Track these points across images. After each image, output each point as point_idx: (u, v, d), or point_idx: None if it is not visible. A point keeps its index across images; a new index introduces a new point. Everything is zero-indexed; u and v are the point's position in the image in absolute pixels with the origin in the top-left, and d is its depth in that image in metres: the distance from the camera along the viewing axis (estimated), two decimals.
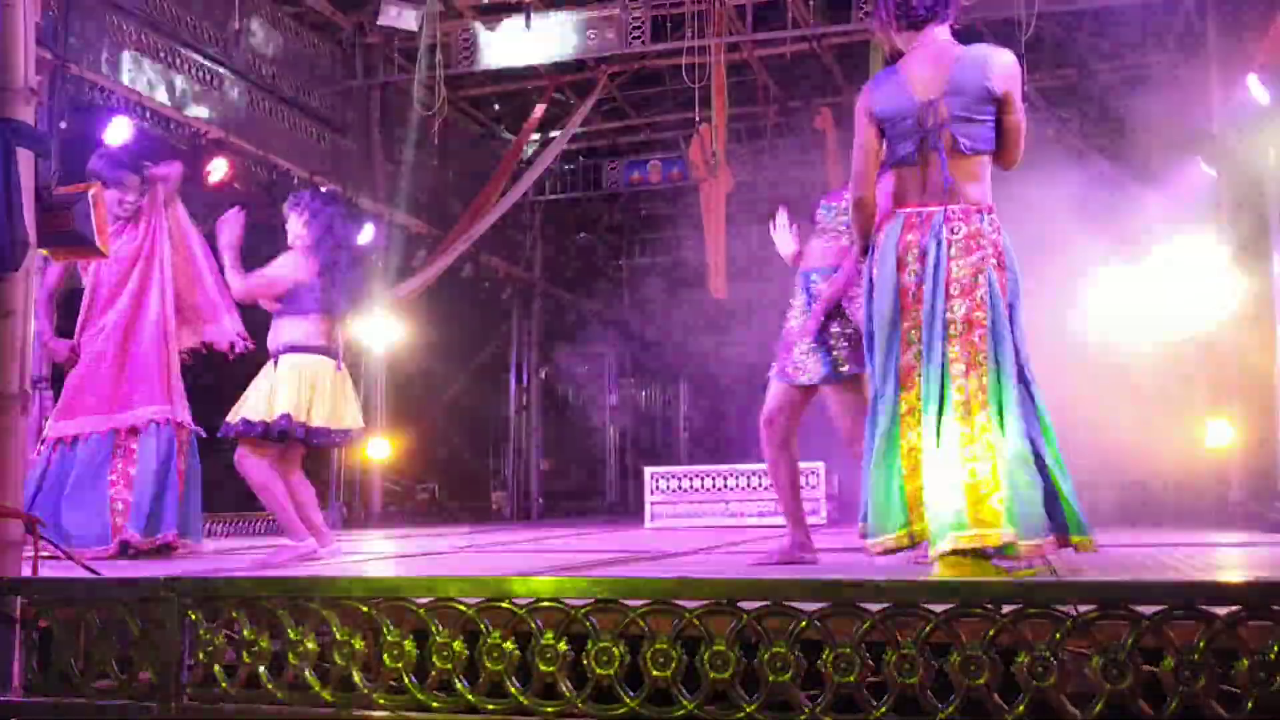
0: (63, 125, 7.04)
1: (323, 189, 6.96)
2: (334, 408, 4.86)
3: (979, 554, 3.11)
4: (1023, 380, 3.25)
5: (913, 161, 3.33)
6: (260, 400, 4.76)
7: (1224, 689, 2.04)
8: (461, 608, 2.42)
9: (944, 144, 3.29)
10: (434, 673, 2.41)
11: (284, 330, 4.88)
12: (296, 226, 5.02)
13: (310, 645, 2.51)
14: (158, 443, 5.26)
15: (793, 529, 4.44)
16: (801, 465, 4.71)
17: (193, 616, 2.61)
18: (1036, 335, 3.37)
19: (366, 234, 9.08)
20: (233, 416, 4.79)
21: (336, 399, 4.88)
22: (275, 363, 4.83)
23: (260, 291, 4.96)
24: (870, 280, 3.40)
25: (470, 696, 2.38)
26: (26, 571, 2.97)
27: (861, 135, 3.42)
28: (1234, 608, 2.04)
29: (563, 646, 2.34)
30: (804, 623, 2.22)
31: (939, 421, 3.17)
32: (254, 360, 5.10)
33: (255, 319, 5.42)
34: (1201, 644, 2.03)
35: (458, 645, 2.40)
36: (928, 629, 2.16)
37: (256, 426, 4.71)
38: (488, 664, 2.37)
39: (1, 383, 2.95)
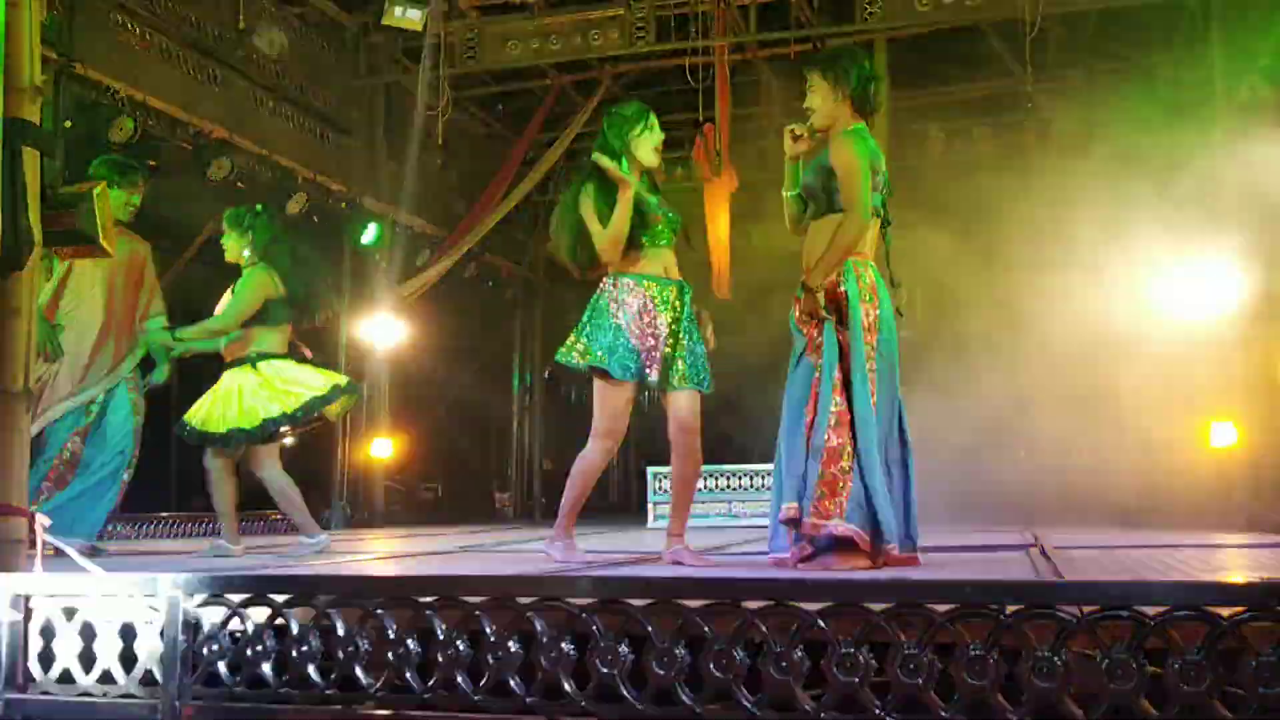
0: (68, 124, 7.05)
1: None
2: None
3: None
4: None
5: (878, 215, 4.00)
6: None
7: (1228, 690, 2.03)
8: (465, 607, 2.42)
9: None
10: (437, 671, 2.41)
11: None
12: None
13: (313, 643, 2.51)
14: None
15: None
16: None
17: (196, 614, 2.61)
18: (1041, 335, 3.41)
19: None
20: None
21: None
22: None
23: None
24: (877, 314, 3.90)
25: (473, 695, 2.38)
26: (30, 570, 2.97)
27: (865, 180, 3.95)
28: (1238, 609, 2.04)
29: (566, 646, 2.34)
30: (807, 622, 2.22)
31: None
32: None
33: None
34: (1205, 645, 2.03)
35: (461, 644, 2.40)
36: (931, 629, 2.16)
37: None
38: (491, 663, 2.37)
39: (5, 381, 2.95)
